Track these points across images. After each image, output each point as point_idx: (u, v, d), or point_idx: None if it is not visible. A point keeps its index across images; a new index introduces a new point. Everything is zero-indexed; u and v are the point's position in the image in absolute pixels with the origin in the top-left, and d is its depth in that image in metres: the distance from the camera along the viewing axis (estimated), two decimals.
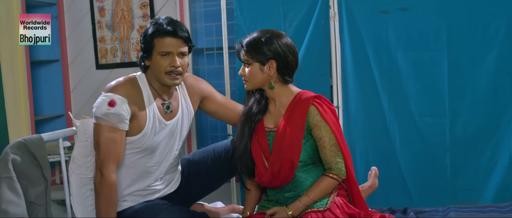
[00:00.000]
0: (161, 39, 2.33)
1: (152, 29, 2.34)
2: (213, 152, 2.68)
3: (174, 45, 2.35)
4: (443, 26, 3.01)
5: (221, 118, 2.72)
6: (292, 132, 2.26)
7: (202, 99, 2.64)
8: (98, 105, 2.33)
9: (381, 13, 3.10)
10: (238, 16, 3.35)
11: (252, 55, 2.29)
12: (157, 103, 2.44)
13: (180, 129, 2.53)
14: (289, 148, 2.26)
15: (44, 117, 4.20)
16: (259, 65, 2.29)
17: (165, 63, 2.35)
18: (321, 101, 2.31)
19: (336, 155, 2.27)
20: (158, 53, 2.35)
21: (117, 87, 2.35)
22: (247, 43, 2.31)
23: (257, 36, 2.31)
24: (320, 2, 3.22)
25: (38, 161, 2.39)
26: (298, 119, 2.27)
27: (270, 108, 2.40)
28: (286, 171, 2.27)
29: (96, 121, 2.33)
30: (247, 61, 2.31)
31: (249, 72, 2.31)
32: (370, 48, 3.15)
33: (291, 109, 2.31)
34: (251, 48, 2.29)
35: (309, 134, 2.29)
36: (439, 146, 3.08)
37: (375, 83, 3.15)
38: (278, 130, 2.31)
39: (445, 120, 3.06)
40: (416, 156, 3.13)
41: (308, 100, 2.28)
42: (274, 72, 2.29)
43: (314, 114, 2.27)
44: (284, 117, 2.31)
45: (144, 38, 2.37)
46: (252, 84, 2.34)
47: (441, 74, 3.04)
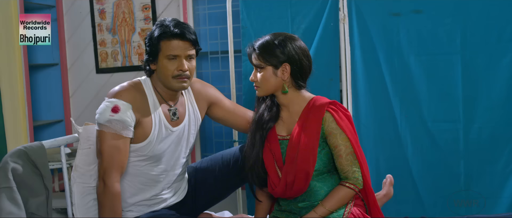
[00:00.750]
0: (168, 42, 2.24)
1: (159, 31, 2.25)
2: (221, 160, 2.57)
3: (182, 48, 2.26)
4: (457, 29, 2.92)
5: (229, 124, 2.62)
6: (307, 140, 2.17)
7: (210, 105, 2.54)
8: (101, 111, 2.23)
9: (392, 16, 3.01)
10: (244, 18, 3.26)
11: (265, 59, 2.19)
12: (163, 109, 2.35)
13: (187, 136, 2.43)
14: (304, 158, 2.16)
15: (42, 123, 4.10)
16: (272, 69, 2.19)
17: (173, 67, 2.26)
18: (336, 108, 2.21)
19: (352, 164, 2.17)
20: (165, 57, 2.25)
21: (121, 92, 2.26)
22: (259, 46, 2.21)
23: (269, 38, 2.21)
24: (329, 4, 3.12)
25: (39, 170, 2.29)
26: (313, 126, 2.18)
27: (282, 115, 2.30)
28: (301, 181, 2.17)
29: (99, 128, 2.23)
30: (259, 65, 2.21)
31: (262, 77, 2.21)
32: (381, 52, 3.05)
33: (305, 116, 2.21)
34: (264, 51, 2.19)
35: (324, 142, 2.20)
36: (452, 153, 2.99)
37: (387, 88, 3.05)
38: (291, 138, 2.21)
39: (459, 126, 2.96)
40: (429, 164, 3.03)
41: (323, 107, 2.19)
42: (288, 76, 2.20)
43: (329, 121, 2.17)
44: (298, 125, 2.21)
45: (149, 41, 2.27)
46: (264, 89, 2.24)
47: (455, 78, 2.94)
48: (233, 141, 3.38)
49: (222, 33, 3.57)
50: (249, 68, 3.27)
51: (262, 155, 2.27)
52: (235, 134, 3.37)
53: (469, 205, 2.97)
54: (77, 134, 2.50)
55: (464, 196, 2.99)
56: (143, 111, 2.28)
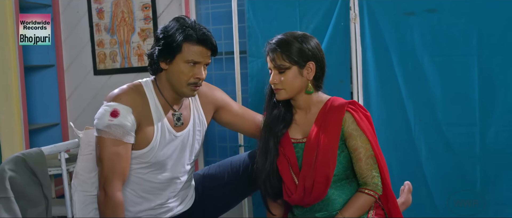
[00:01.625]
0: (192, 46, 2.11)
1: (184, 32, 2.10)
2: (230, 166, 2.45)
3: (204, 55, 2.15)
4: (473, 29, 2.80)
5: (237, 129, 2.50)
6: (326, 142, 2.06)
7: (217, 109, 2.42)
8: (99, 116, 2.10)
9: (406, 15, 2.89)
10: (250, 18, 3.14)
11: (290, 58, 2.05)
12: (167, 113, 2.22)
13: (192, 142, 2.31)
14: (323, 160, 2.05)
15: (38, 126, 3.97)
16: (298, 69, 2.07)
17: (190, 73, 2.14)
18: (356, 107, 2.12)
19: (372, 168, 2.06)
20: (184, 60, 2.12)
21: (120, 95, 2.14)
22: (281, 44, 2.07)
23: (289, 37, 2.08)
24: (339, 3, 3.01)
25: (38, 179, 2.15)
26: (333, 127, 2.07)
27: (296, 118, 2.18)
28: (321, 186, 2.05)
29: (98, 134, 2.11)
30: (283, 66, 2.07)
31: (287, 78, 2.08)
32: (394, 53, 2.93)
33: (323, 117, 2.10)
34: (288, 50, 2.06)
35: (344, 144, 2.10)
36: (468, 158, 2.87)
37: (400, 90, 2.93)
38: (309, 141, 2.09)
39: (475, 130, 2.84)
40: (443, 169, 2.91)
41: (342, 107, 2.08)
42: (313, 75, 2.07)
43: (349, 122, 2.06)
44: (316, 126, 2.10)
45: (168, 38, 2.12)
46: (289, 92, 2.11)
47: (471, 80, 2.82)
48: (239, 146, 3.26)
49: (226, 33, 3.45)
50: (255, 70, 3.15)
51: (277, 164, 2.15)
52: (240, 137, 3.26)
53: (485, 212, 2.86)
54: (78, 139, 2.36)
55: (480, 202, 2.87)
56: (144, 115, 2.15)
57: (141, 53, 3.81)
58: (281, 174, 2.14)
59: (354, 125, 2.06)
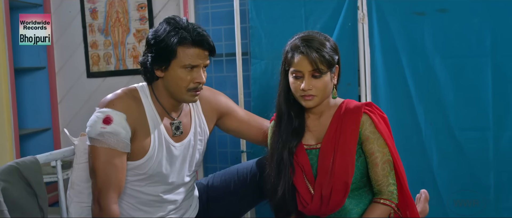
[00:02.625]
0: (187, 49, 1.96)
1: (176, 34, 1.95)
2: (236, 175, 2.32)
3: (202, 57, 2.00)
4: (487, 29, 2.70)
5: (242, 136, 2.37)
6: (344, 146, 1.94)
7: (221, 116, 2.28)
8: (91, 124, 1.96)
9: (416, 15, 2.79)
10: (253, 18, 3.03)
11: (327, 62, 1.91)
12: (164, 122, 2.08)
13: (192, 153, 2.17)
14: (341, 166, 1.93)
15: (28, 131, 3.80)
16: (330, 74, 1.94)
17: (189, 78, 1.99)
18: (373, 109, 1.99)
19: (388, 175, 1.94)
20: (181, 66, 1.97)
21: (113, 101, 1.99)
22: (318, 45, 1.90)
23: (317, 36, 1.94)
24: (347, 2, 2.89)
25: (33, 189, 2.01)
26: (350, 131, 1.95)
27: (309, 123, 2.05)
28: (339, 194, 1.93)
29: (91, 143, 1.97)
30: (322, 70, 1.91)
31: (322, 84, 1.92)
32: (403, 54, 2.83)
33: (338, 120, 1.98)
34: (325, 52, 1.90)
35: (360, 149, 1.97)
36: (481, 164, 2.77)
37: (410, 93, 2.83)
38: (325, 146, 1.97)
39: (488, 134, 2.74)
40: (455, 175, 2.81)
41: (359, 109, 1.96)
42: (337, 78, 1.98)
43: (367, 124, 1.94)
44: (331, 130, 1.97)
45: (160, 43, 1.96)
46: (321, 99, 1.96)
47: (484, 83, 2.72)
48: (241, 152, 3.14)
49: (227, 34, 3.31)
50: (258, 72, 3.03)
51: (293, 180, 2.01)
52: (242, 143, 3.12)
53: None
54: (73, 146, 2.22)
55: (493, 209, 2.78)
56: (139, 123, 2.01)
57: (137, 55, 3.67)
58: (295, 183, 2.01)
59: (372, 128, 1.94)
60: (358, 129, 1.94)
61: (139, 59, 2.07)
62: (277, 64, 2.98)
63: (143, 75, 2.07)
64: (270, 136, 2.11)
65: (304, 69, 1.91)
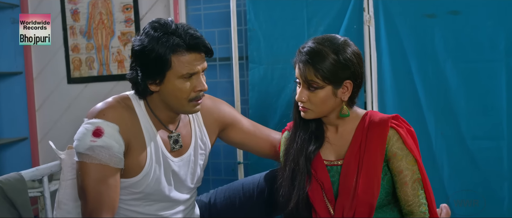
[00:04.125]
0: (182, 57, 1.74)
1: (167, 42, 1.72)
2: (242, 191, 2.11)
3: (199, 61, 1.78)
4: (500, 33, 2.57)
5: (248, 149, 2.17)
6: (369, 165, 1.75)
7: (224, 127, 2.08)
8: (80, 137, 1.74)
9: (426, 17, 2.65)
10: (251, 19, 2.86)
11: (325, 77, 1.72)
12: (162, 135, 1.86)
13: (193, 168, 1.97)
14: (366, 187, 1.74)
15: (4, 142, 3.58)
16: (332, 89, 1.74)
17: (189, 88, 1.78)
18: (400, 123, 1.81)
19: (419, 194, 1.77)
20: (179, 76, 1.75)
21: (104, 110, 1.77)
22: (314, 56, 1.73)
23: (326, 46, 1.74)
24: (352, 3, 2.76)
25: (18, 211, 1.77)
26: (375, 148, 1.76)
27: (328, 136, 1.86)
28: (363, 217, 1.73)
29: (80, 159, 1.74)
30: (314, 83, 1.73)
31: (318, 98, 1.75)
32: (412, 59, 2.69)
33: (361, 135, 1.79)
34: (322, 65, 1.71)
35: (386, 166, 1.79)
36: (495, 175, 2.64)
37: (419, 100, 2.70)
38: (348, 164, 1.78)
39: (502, 144, 2.62)
40: (468, 186, 2.68)
41: (385, 123, 1.77)
42: (349, 95, 1.76)
43: (394, 140, 1.76)
44: (355, 146, 1.79)
45: (150, 54, 1.72)
46: (317, 113, 1.78)
47: (498, 89, 2.60)
48: (237, 163, 2.95)
49: (221, 37, 3.12)
50: (256, 77, 2.86)
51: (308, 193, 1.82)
52: (239, 154, 2.94)
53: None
54: (59, 160, 1.99)
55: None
56: (134, 135, 1.79)
57: (121, 59, 3.45)
58: (313, 202, 1.81)
59: (400, 144, 1.76)
60: (384, 145, 1.76)
61: (127, 74, 1.84)
62: (277, 69, 2.85)
63: (135, 91, 1.85)
64: (283, 147, 1.92)
65: (299, 78, 1.77)
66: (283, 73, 2.81)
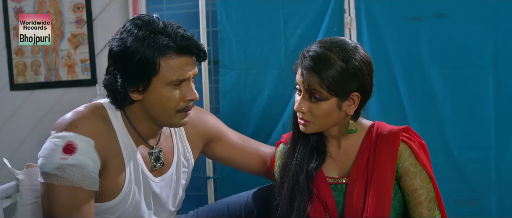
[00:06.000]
0: (171, 61, 1.51)
1: (156, 43, 1.48)
2: (227, 211, 1.89)
3: (190, 66, 1.55)
4: (488, 37, 2.46)
5: (235, 165, 1.94)
6: (379, 183, 1.57)
7: (209, 141, 1.85)
8: (46, 154, 1.46)
9: (411, 20, 2.51)
10: (222, 20, 2.63)
11: (330, 87, 1.51)
12: (142, 151, 1.62)
13: (175, 189, 1.73)
14: (376, 208, 1.57)
15: None
16: (337, 101, 1.53)
17: (177, 96, 1.54)
18: (411, 136, 1.63)
19: (435, 215, 1.60)
20: (167, 83, 1.52)
21: (76, 121, 1.50)
22: (319, 62, 1.52)
23: (334, 51, 1.54)
24: (332, 4, 2.57)
25: None
26: (386, 164, 1.58)
27: (331, 150, 1.66)
28: None
29: (46, 180, 1.47)
30: (319, 95, 1.53)
31: (320, 110, 1.55)
32: (397, 64, 2.54)
33: (369, 149, 1.62)
34: (328, 74, 1.51)
35: (397, 184, 1.61)
36: (483, 187, 2.53)
37: (403, 108, 2.54)
38: (353, 182, 1.60)
39: (490, 154, 2.51)
40: (454, 199, 2.53)
41: (396, 136, 1.59)
42: (355, 109, 1.57)
43: (406, 155, 1.59)
44: (362, 162, 1.61)
45: (133, 56, 1.48)
46: (319, 126, 1.59)
47: (486, 97, 2.49)
48: (207, 178, 2.71)
49: None
50: (228, 84, 2.64)
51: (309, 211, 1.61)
52: (209, 167, 2.69)
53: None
54: (16, 181, 1.68)
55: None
56: (111, 151, 1.54)
57: (72, 64, 3.14)
58: None
59: (412, 159, 1.58)
60: (395, 162, 1.57)
61: (103, 80, 1.58)
62: (250, 75, 2.62)
63: (112, 100, 1.59)
64: (278, 163, 1.71)
65: (301, 85, 1.57)
66: (257, 79, 2.61)
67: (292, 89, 1.61)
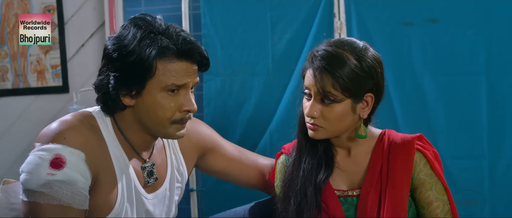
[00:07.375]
0: (170, 64, 1.40)
1: (155, 43, 1.38)
2: None
3: (190, 73, 1.44)
4: (481, 43, 2.42)
5: (231, 178, 1.84)
6: (395, 196, 1.49)
7: (204, 153, 1.74)
8: (31, 169, 1.33)
9: (403, 25, 2.46)
10: (206, 24, 2.54)
11: (345, 87, 1.42)
12: (134, 165, 1.50)
13: (168, 206, 1.62)
14: None
15: None
16: (352, 103, 1.44)
17: (173, 105, 1.43)
18: (425, 144, 1.57)
19: None
20: (162, 88, 1.40)
21: (64, 132, 1.37)
22: (333, 61, 1.44)
23: (346, 49, 1.46)
24: (321, 8, 2.50)
25: None
26: (401, 175, 1.51)
27: (339, 160, 1.57)
28: None
29: (30, 199, 1.33)
30: (332, 96, 1.43)
31: (333, 114, 1.46)
32: (388, 70, 2.32)
33: (381, 159, 1.54)
34: (343, 73, 1.43)
35: (411, 197, 1.54)
36: (476, 196, 2.48)
37: (395, 115, 2.49)
38: (366, 194, 1.53)
39: (483, 163, 2.47)
40: None
41: (410, 144, 1.53)
42: (369, 111, 1.50)
43: (421, 165, 1.53)
44: (374, 173, 1.54)
45: (129, 56, 1.38)
46: (330, 132, 1.49)
47: (479, 104, 2.45)
48: (190, 190, 2.62)
49: None
50: (212, 91, 2.57)
51: None
52: (192, 179, 2.62)
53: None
54: None
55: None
56: (103, 165, 1.43)
57: (42, 70, 3.00)
58: None
59: (427, 169, 1.52)
60: (411, 172, 1.51)
61: (95, 82, 1.46)
62: (236, 81, 2.53)
63: (101, 103, 1.47)
64: (280, 175, 1.61)
65: (310, 86, 1.48)
66: (243, 85, 2.53)
67: (279, 96, 1.52)
